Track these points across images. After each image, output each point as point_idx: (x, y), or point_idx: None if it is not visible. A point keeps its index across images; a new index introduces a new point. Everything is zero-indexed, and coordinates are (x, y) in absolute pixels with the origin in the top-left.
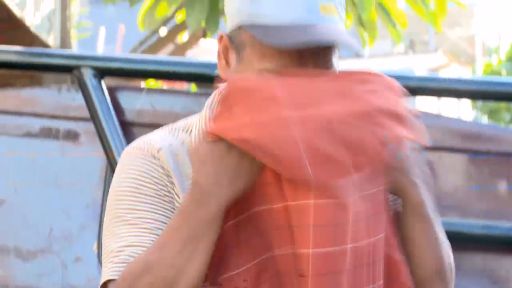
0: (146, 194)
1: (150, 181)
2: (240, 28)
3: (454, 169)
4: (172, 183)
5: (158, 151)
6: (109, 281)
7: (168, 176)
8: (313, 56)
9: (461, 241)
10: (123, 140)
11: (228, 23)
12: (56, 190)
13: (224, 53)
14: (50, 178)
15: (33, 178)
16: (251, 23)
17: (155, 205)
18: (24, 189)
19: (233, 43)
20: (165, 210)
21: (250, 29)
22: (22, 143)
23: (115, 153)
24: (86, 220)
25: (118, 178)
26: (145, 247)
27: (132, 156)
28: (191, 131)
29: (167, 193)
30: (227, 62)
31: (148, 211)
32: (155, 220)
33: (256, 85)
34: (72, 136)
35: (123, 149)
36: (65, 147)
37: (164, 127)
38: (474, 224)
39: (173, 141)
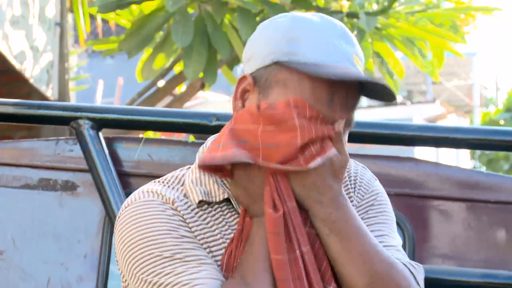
0: (184, 236)
1: (181, 224)
2: (274, 64)
3: (452, 218)
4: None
5: (173, 203)
6: None
7: (187, 224)
8: (344, 104)
9: None
10: (121, 191)
11: (251, 65)
12: (54, 241)
13: (242, 95)
14: (48, 229)
15: (31, 230)
16: (288, 60)
17: (196, 243)
18: (22, 241)
19: (258, 83)
20: (201, 247)
21: (288, 63)
22: (20, 195)
23: (113, 204)
24: (84, 271)
25: (144, 223)
26: (214, 279)
27: (153, 203)
28: (182, 181)
29: (192, 233)
30: (243, 105)
31: (195, 249)
32: (205, 256)
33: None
34: (70, 187)
35: (121, 199)
36: (63, 198)
37: (153, 182)
38: (473, 273)
39: (178, 194)
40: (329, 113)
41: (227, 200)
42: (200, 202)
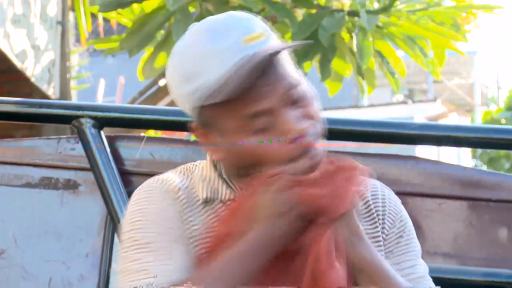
0: (168, 227)
1: (174, 216)
2: (198, 109)
3: (454, 216)
4: (184, 221)
5: (178, 191)
6: None
7: (183, 214)
8: (268, 83)
9: None
10: (123, 190)
11: (189, 113)
12: (55, 240)
13: (204, 139)
14: (49, 228)
15: (33, 228)
16: (206, 99)
17: (182, 237)
18: (23, 239)
19: (206, 126)
20: (183, 243)
21: (209, 104)
22: (22, 193)
23: (115, 203)
24: (85, 270)
25: (139, 208)
26: (173, 272)
27: (154, 190)
28: (192, 173)
29: (181, 228)
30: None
31: (172, 241)
32: (182, 251)
33: None
34: (71, 186)
35: (122, 198)
36: (65, 197)
37: (170, 171)
38: (474, 271)
39: (188, 183)
40: (270, 99)
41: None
42: (205, 199)
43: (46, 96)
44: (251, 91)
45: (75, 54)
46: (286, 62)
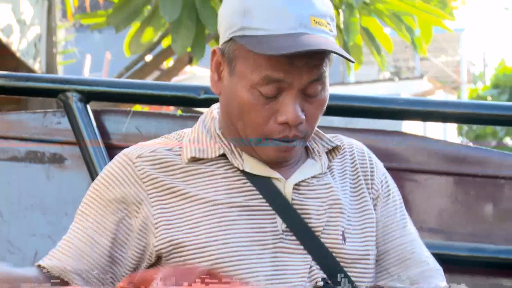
0: (102, 197)
1: (112, 183)
2: (232, 40)
3: (440, 192)
4: (140, 187)
5: (137, 157)
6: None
7: (136, 182)
8: (306, 65)
9: (447, 264)
10: None
11: (220, 38)
12: (41, 213)
13: (216, 68)
14: (35, 202)
15: (19, 202)
16: (242, 35)
17: (105, 207)
18: (9, 213)
19: (225, 56)
20: (111, 214)
21: (242, 40)
22: (8, 167)
23: None
24: None
25: (96, 180)
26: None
27: (113, 160)
28: (182, 138)
29: (125, 197)
30: (219, 77)
31: (96, 212)
32: (95, 221)
33: None
34: (57, 160)
35: None
36: (51, 171)
37: (164, 136)
38: (460, 246)
39: (159, 147)
40: (292, 78)
41: (223, 156)
42: (191, 160)
43: (32, 71)
44: (285, 60)
45: (61, 29)
46: (328, 67)
